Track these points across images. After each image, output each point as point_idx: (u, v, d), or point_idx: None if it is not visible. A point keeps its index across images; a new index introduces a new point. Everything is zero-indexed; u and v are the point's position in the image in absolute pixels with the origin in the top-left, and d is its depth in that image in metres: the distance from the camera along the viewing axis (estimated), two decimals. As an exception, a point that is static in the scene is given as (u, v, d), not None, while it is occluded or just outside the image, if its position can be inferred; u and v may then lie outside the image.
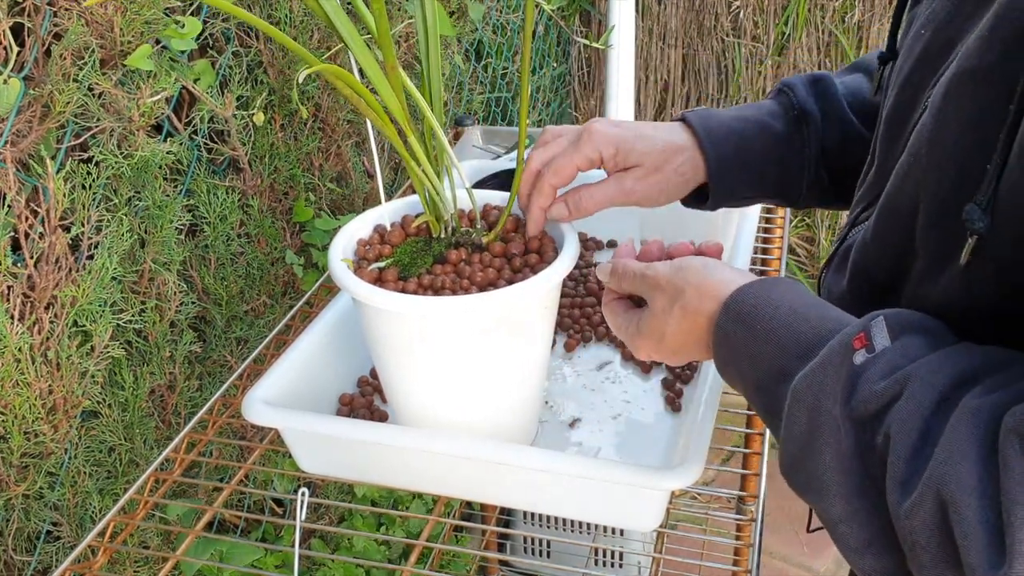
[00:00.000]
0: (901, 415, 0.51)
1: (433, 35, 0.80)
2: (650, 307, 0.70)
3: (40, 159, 1.01)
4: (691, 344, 0.68)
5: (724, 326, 0.64)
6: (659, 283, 0.69)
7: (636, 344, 0.73)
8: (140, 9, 1.05)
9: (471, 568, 1.86)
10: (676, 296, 0.68)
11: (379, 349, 0.84)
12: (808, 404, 0.56)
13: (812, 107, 0.87)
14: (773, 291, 0.63)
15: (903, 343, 0.54)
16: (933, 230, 0.60)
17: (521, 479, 0.82)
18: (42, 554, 1.13)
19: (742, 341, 0.62)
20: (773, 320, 0.61)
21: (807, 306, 0.61)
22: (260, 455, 0.98)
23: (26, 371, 1.01)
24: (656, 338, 0.70)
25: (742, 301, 0.63)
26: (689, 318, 0.67)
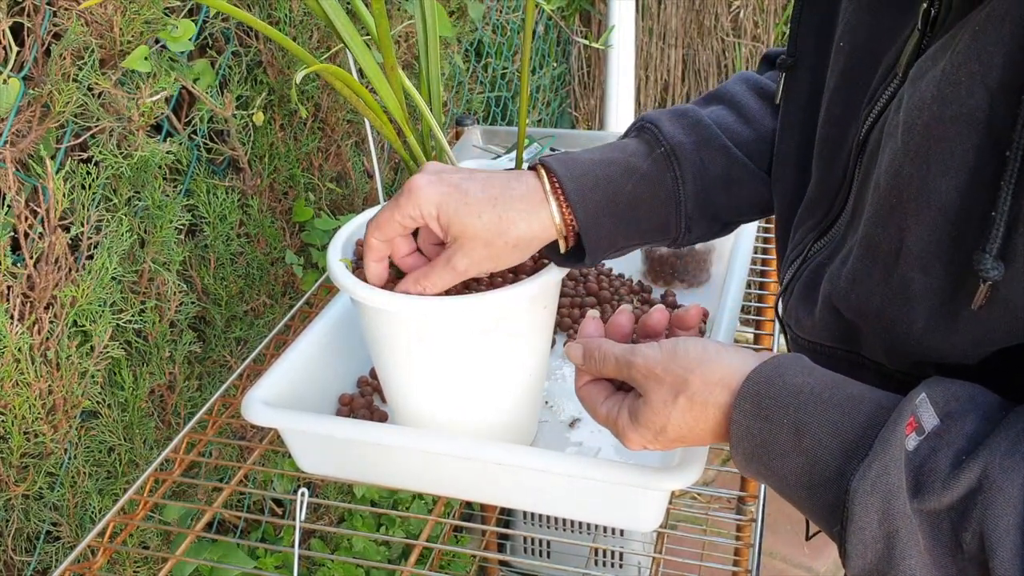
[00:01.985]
0: (992, 511, 0.48)
1: (432, 35, 0.80)
2: (647, 398, 0.65)
3: (40, 159, 1.01)
4: (698, 433, 0.64)
5: (743, 423, 0.59)
6: (655, 373, 0.64)
7: (629, 435, 0.66)
8: (140, 9, 1.05)
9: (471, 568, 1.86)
10: (679, 387, 0.63)
11: (378, 349, 0.84)
12: (878, 508, 0.52)
13: (683, 140, 0.80)
14: (786, 375, 0.59)
15: (956, 420, 0.52)
16: (922, 276, 0.58)
17: (521, 479, 0.82)
18: (42, 554, 1.13)
19: (769, 438, 0.58)
20: (800, 411, 0.57)
21: (828, 388, 0.58)
22: (260, 455, 0.98)
23: (26, 371, 1.01)
24: (656, 430, 0.64)
25: (758, 392, 0.59)
26: (696, 409, 0.62)
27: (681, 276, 1.16)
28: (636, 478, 0.76)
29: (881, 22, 0.66)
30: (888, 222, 0.60)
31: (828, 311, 0.67)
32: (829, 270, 0.68)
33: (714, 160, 0.81)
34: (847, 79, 0.69)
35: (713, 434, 0.63)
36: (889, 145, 0.61)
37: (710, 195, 0.81)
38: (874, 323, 0.63)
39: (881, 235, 0.61)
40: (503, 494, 0.86)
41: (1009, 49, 0.51)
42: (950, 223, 0.56)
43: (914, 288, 0.59)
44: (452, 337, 0.79)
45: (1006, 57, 0.51)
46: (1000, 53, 0.52)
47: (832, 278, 0.67)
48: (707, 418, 0.62)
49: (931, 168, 0.56)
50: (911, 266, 0.58)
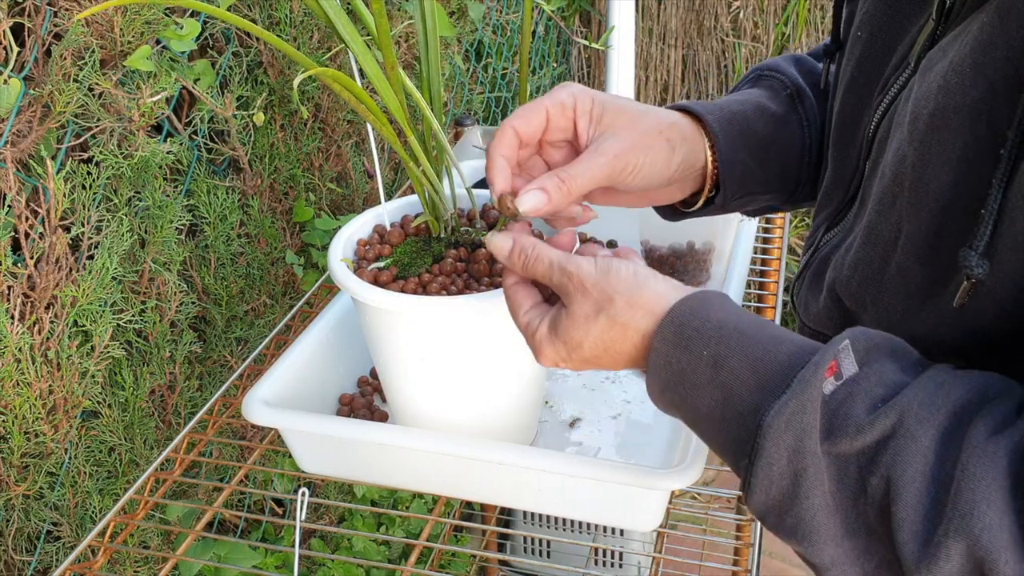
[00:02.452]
0: (902, 457, 0.49)
1: (433, 35, 0.80)
2: (569, 310, 0.62)
3: (40, 159, 1.01)
4: (611, 356, 0.62)
5: (663, 350, 0.58)
6: (584, 285, 0.61)
7: (543, 348, 0.64)
8: (140, 9, 1.06)
9: (471, 568, 1.86)
10: (603, 304, 0.61)
11: (379, 349, 0.84)
12: (788, 445, 0.52)
13: (803, 84, 0.80)
14: (711, 309, 0.58)
15: (874, 369, 0.52)
16: (918, 266, 0.58)
17: (521, 479, 0.82)
18: (42, 554, 1.13)
19: (688, 368, 0.57)
20: (721, 344, 0.56)
21: (752, 326, 0.57)
22: (260, 455, 0.98)
23: (26, 371, 1.01)
24: (572, 345, 0.62)
25: (682, 322, 0.58)
26: (616, 330, 0.60)
27: (681, 276, 1.16)
28: (636, 478, 0.76)
29: (898, 12, 0.66)
30: (889, 211, 0.61)
31: (831, 299, 0.67)
32: (835, 258, 0.68)
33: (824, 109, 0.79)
34: (862, 68, 0.68)
35: (627, 359, 0.61)
36: (897, 135, 0.61)
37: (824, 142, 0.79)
38: (871, 312, 0.63)
39: (882, 224, 0.61)
40: (503, 494, 0.86)
41: (1013, 43, 0.51)
42: (944, 215, 0.56)
43: (909, 278, 0.59)
44: (452, 336, 0.79)
45: (1009, 51, 0.51)
46: (1004, 46, 0.52)
47: (837, 266, 0.67)
48: (625, 340, 0.61)
49: (931, 159, 0.56)
50: (907, 256, 0.59)
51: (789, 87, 0.80)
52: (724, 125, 0.74)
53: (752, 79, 0.83)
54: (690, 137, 0.73)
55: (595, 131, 0.70)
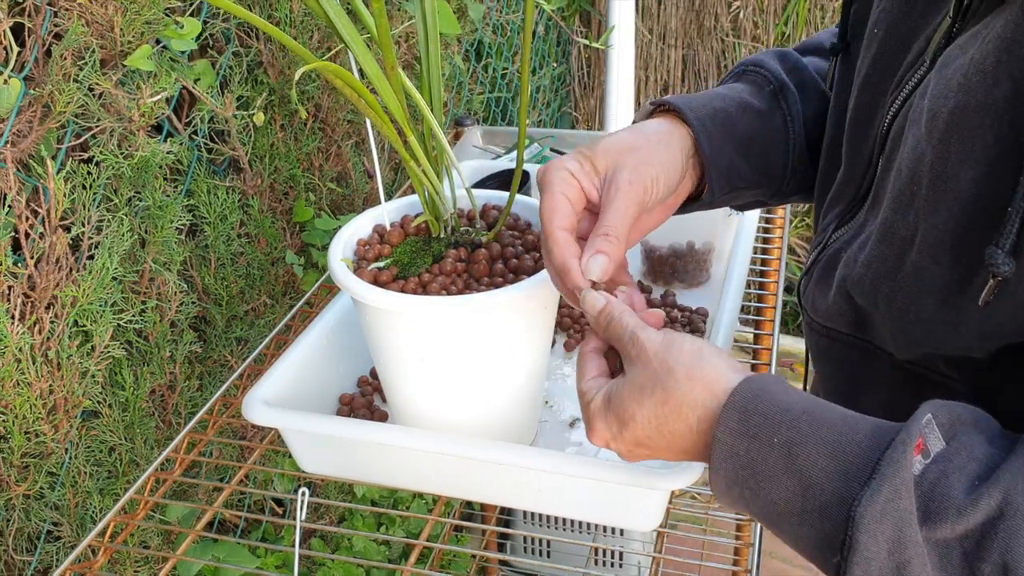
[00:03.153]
0: (1019, 541, 0.45)
1: (433, 35, 0.80)
2: (628, 378, 0.60)
3: (40, 159, 1.01)
4: (664, 436, 0.58)
5: (728, 441, 0.54)
6: (646, 353, 0.59)
7: (595, 421, 0.61)
8: (140, 9, 1.06)
9: (471, 568, 1.86)
10: (662, 375, 0.57)
11: (379, 349, 0.84)
12: (887, 536, 0.48)
13: (786, 80, 0.79)
14: (774, 391, 0.55)
15: (963, 443, 0.49)
16: (934, 265, 0.57)
17: (521, 479, 0.82)
18: (42, 554, 1.13)
19: (758, 458, 0.53)
20: (793, 429, 0.52)
21: (820, 407, 0.53)
22: (260, 455, 0.98)
23: (27, 371, 1.01)
24: (623, 419, 0.59)
25: (745, 408, 0.54)
26: (671, 405, 0.57)
27: (681, 276, 1.16)
28: (636, 478, 0.76)
29: (914, 9, 0.65)
30: (907, 209, 0.59)
31: (842, 296, 0.66)
32: (846, 255, 0.67)
33: (809, 103, 0.79)
34: (877, 66, 0.68)
35: (682, 441, 0.57)
36: (912, 132, 0.60)
37: (810, 137, 0.79)
38: (884, 310, 0.61)
39: (899, 221, 0.60)
40: (503, 494, 0.86)
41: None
42: (966, 214, 0.55)
43: (925, 277, 0.58)
44: (452, 337, 0.79)
45: None
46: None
47: (848, 263, 0.66)
48: (679, 418, 0.57)
49: (951, 157, 0.55)
50: (924, 254, 0.58)
51: (772, 83, 0.79)
52: (706, 122, 0.74)
53: (736, 74, 0.82)
54: (679, 134, 0.73)
55: (599, 181, 0.69)
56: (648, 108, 0.77)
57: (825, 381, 0.76)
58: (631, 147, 0.70)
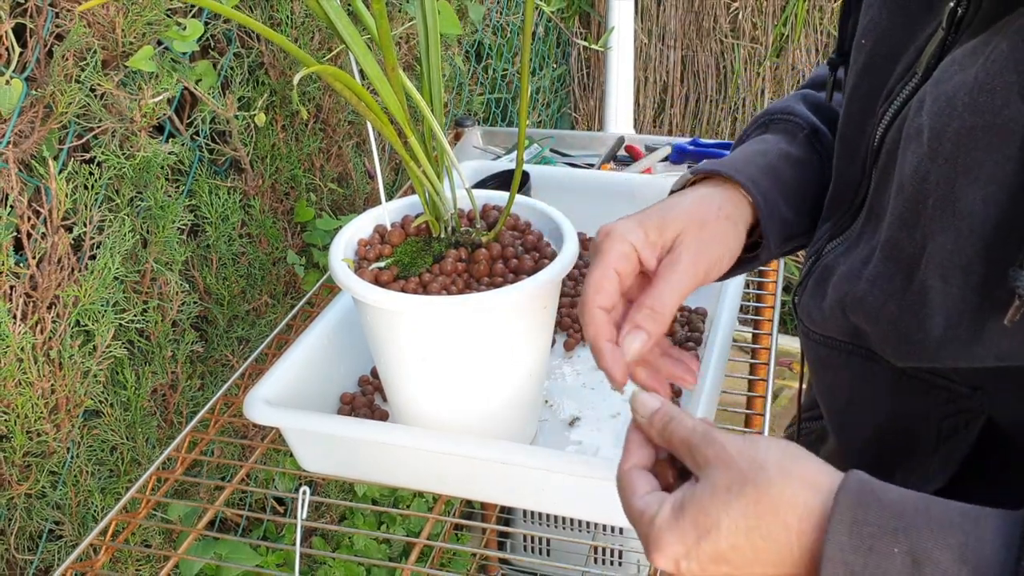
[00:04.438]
0: None
1: (433, 36, 0.81)
2: (705, 483, 0.52)
3: (42, 160, 1.01)
4: (753, 545, 0.50)
5: (839, 558, 0.48)
6: (727, 453, 0.52)
7: (663, 536, 0.52)
8: (142, 10, 1.06)
9: (471, 566, 1.87)
10: (751, 473, 0.51)
11: (380, 348, 0.85)
12: None
13: (816, 122, 0.78)
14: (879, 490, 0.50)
15: None
16: (946, 286, 0.56)
17: (521, 478, 0.82)
18: (44, 553, 1.13)
19: (877, 566, 0.48)
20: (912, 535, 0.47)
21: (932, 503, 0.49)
22: (261, 454, 0.99)
23: (28, 370, 1.01)
24: (702, 529, 0.51)
25: (853, 518, 0.48)
26: (764, 507, 0.50)
27: (680, 276, 1.17)
28: (635, 476, 0.77)
29: (903, 20, 0.65)
30: (912, 227, 0.58)
31: (839, 309, 0.66)
32: (841, 270, 0.66)
33: None
34: (865, 77, 0.68)
35: (775, 547, 0.50)
36: (912, 148, 0.59)
37: None
38: (887, 328, 0.60)
39: (905, 240, 0.59)
40: (503, 492, 0.86)
41: None
42: (976, 234, 0.54)
43: (932, 296, 0.57)
44: (453, 336, 0.80)
45: None
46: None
47: (849, 278, 0.65)
48: (775, 521, 0.50)
49: (959, 177, 0.54)
50: (932, 273, 0.57)
51: (805, 128, 0.77)
52: (759, 181, 0.71)
53: (762, 124, 0.80)
54: (739, 204, 0.71)
55: (661, 251, 0.67)
56: (688, 177, 0.74)
57: (823, 388, 0.76)
58: (701, 222, 0.67)
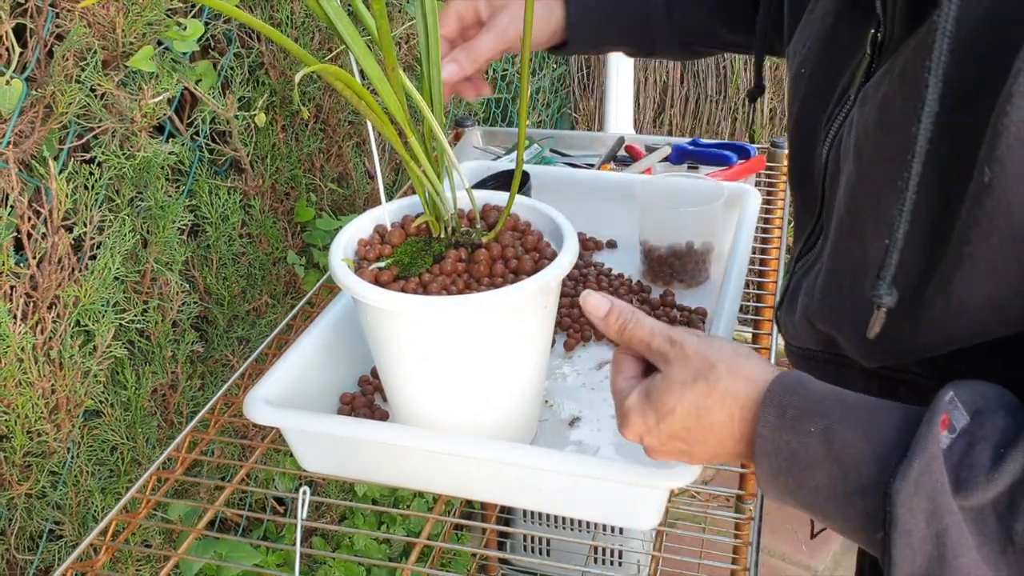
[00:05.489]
0: None
1: (433, 36, 0.81)
2: (666, 374, 0.62)
3: (43, 160, 1.01)
4: (703, 427, 0.60)
5: (769, 437, 0.57)
6: (685, 351, 0.61)
7: (631, 416, 0.63)
8: (142, 10, 1.06)
9: (471, 566, 1.87)
10: (704, 370, 0.60)
11: (380, 348, 0.85)
12: (923, 508, 0.51)
13: None
14: (807, 382, 0.58)
15: (986, 417, 0.52)
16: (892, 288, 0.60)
17: (521, 478, 0.82)
18: (44, 553, 1.13)
19: (799, 448, 0.56)
20: (827, 418, 0.55)
21: (850, 396, 0.57)
22: (261, 454, 0.99)
23: (29, 371, 1.01)
24: (661, 412, 0.61)
25: (781, 403, 0.57)
26: (714, 397, 0.59)
27: (680, 276, 1.17)
28: (635, 476, 0.77)
29: (836, 49, 0.69)
30: (850, 238, 0.63)
31: (805, 322, 0.70)
32: (806, 283, 0.71)
33: None
34: (809, 104, 0.71)
35: (720, 431, 0.60)
36: (845, 166, 0.64)
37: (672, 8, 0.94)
38: (847, 332, 0.65)
39: (844, 251, 0.64)
40: (503, 493, 0.86)
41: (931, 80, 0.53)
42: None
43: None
44: (452, 336, 0.80)
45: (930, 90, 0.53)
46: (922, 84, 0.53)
47: (808, 292, 0.70)
48: (721, 409, 0.59)
49: (882, 189, 0.59)
50: (870, 278, 0.60)
51: None
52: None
53: None
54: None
55: (490, 9, 0.89)
56: None
57: None
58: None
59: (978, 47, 0.52)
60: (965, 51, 0.52)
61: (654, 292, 1.16)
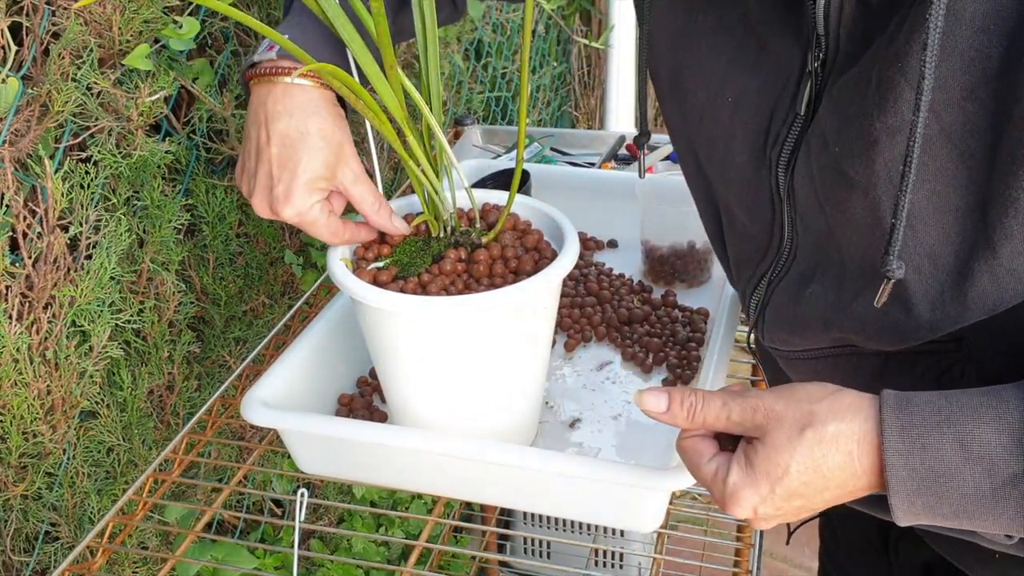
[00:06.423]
0: None
1: (432, 35, 0.80)
2: (765, 440, 0.59)
3: (38, 159, 1.01)
4: (822, 476, 0.58)
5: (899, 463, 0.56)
6: (775, 410, 0.59)
7: (739, 492, 0.60)
8: (139, 8, 1.05)
9: (471, 569, 1.86)
10: (805, 420, 0.58)
11: (378, 349, 0.84)
12: None
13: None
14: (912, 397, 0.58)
15: None
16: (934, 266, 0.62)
17: (521, 480, 0.82)
18: (41, 554, 1.12)
19: (935, 463, 0.55)
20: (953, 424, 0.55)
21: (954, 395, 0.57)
22: (259, 456, 0.98)
23: (24, 371, 1.01)
24: (774, 477, 0.58)
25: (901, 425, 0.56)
26: (827, 443, 0.57)
27: (681, 276, 1.16)
28: (636, 479, 0.76)
29: (766, 76, 0.69)
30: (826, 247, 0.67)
31: (821, 327, 0.69)
32: (809, 293, 0.70)
33: None
34: (744, 129, 0.71)
35: (841, 474, 0.58)
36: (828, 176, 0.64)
37: None
38: (879, 326, 0.64)
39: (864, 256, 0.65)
40: (503, 494, 0.85)
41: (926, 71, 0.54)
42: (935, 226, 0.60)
43: (912, 287, 0.61)
44: (452, 337, 0.79)
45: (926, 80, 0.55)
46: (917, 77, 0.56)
47: (826, 301, 0.69)
48: (838, 452, 0.57)
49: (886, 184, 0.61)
50: (908, 268, 0.61)
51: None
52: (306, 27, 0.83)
53: None
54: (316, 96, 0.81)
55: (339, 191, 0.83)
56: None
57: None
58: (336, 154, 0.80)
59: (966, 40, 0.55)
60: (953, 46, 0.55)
61: (655, 292, 1.16)
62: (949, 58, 0.55)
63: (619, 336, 1.07)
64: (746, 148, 0.71)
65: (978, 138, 0.55)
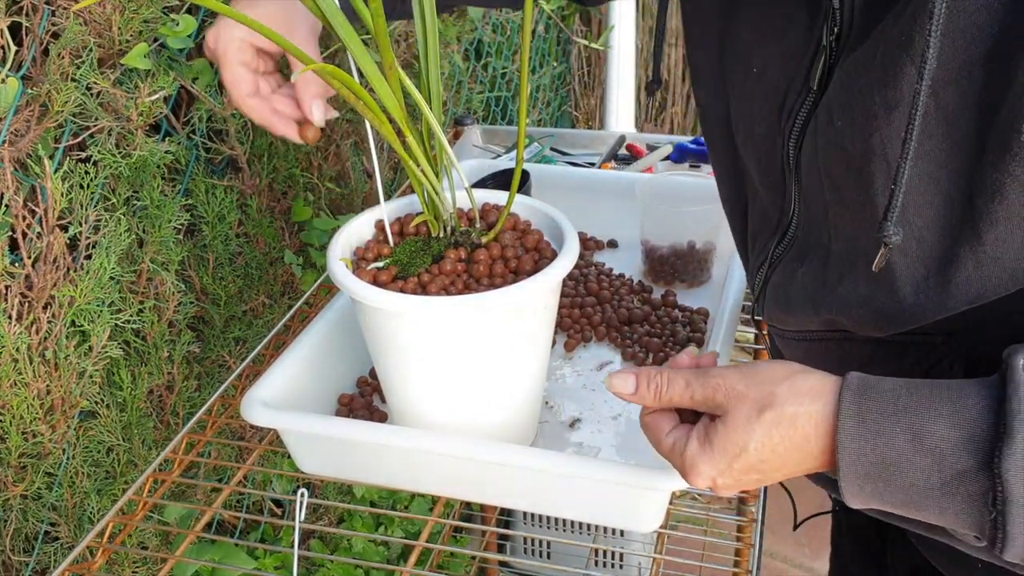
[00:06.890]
0: None
1: (432, 34, 0.80)
2: (725, 418, 0.60)
3: (38, 159, 1.01)
4: (781, 455, 0.59)
5: (852, 446, 0.56)
6: (736, 389, 0.60)
7: (696, 464, 0.62)
8: (138, 8, 1.05)
9: (470, 569, 1.86)
10: (765, 400, 0.59)
11: (378, 349, 0.84)
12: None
13: None
14: (875, 381, 0.58)
15: None
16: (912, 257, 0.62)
17: (521, 480, 0.81)
18: (40, 554, 1.12)
19: (886, 451, 0.56)
20: (909, 414, 0.55)
21: (917, 385, 0.57)
22: (259, 456, 0.98)
23: (24, 371, 1.01)
24: (732, 453, 0.60)
25: (858, 410, 0.57)
26: (784, 424, 0.58)
27: (682, 276, 1.16)
28: (636, 479, 0.76)
29: (786, 47, 0.69)
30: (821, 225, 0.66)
31: (810, 308, 0.70)
32: (801, 273, 0.71)
33: None
34: (765, 100, 0.71)
35: (798, 453, 0.59)
36: (833, 153, 0.64)
37: None
38: (864, 310, 0.65)
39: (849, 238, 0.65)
40: (503, 494, 0.85)
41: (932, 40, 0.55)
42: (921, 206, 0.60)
43: (897, 269, 0.62)
44: (452, 337, 0.79)
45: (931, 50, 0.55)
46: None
47: (815, 282, 0.69)
48: (795, 434, 0.58)
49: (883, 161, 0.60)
50: (894, 252, 0.61)
51: None
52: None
53: None
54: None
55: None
56: None
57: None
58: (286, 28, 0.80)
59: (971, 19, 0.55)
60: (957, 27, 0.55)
61: (655, 292, 1.15)
62: (951, 34, 0.54)
63: (619, 336, 1.07)
64: (764, 119, 0.72)
65: (971, 120, 0.55)
